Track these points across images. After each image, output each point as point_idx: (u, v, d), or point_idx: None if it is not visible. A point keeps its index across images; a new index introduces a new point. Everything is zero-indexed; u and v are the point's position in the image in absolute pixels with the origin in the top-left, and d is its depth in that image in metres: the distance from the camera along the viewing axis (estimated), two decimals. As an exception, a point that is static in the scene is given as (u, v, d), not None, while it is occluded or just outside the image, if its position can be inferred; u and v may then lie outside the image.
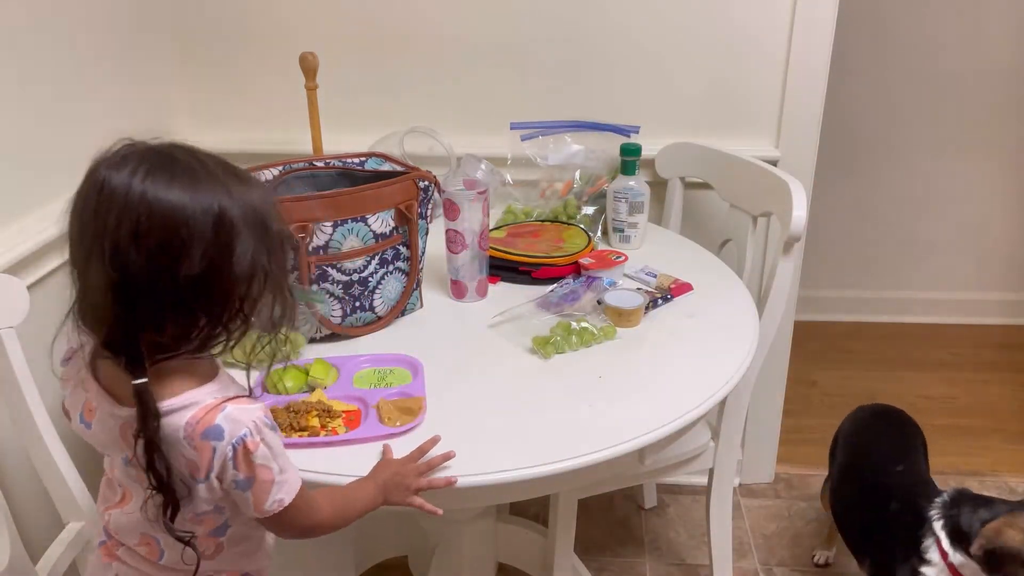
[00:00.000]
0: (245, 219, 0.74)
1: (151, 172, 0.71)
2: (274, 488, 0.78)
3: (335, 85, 1.69)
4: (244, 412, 0.76)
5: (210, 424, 0.74)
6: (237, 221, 0.74)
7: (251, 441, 0.75)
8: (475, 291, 1.37)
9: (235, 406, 0.76)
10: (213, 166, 0.75)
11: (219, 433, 0.74)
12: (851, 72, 2.50)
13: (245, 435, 0.75)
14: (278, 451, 0.79)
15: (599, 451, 0.98)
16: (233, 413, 0.75)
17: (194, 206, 0.72)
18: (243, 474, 0.76)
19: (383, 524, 1.75)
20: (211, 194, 0.73)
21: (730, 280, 1.46)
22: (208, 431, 0.74)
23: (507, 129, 1.69)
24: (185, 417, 0.74)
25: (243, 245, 0.74)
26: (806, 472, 2.10)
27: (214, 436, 0.74)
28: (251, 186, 0.78)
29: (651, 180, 1.71)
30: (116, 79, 1.61)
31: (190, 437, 0.74)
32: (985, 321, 2.86)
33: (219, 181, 0.74)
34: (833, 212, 2.71)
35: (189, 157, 0.75)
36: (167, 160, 0.73)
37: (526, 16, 1.72)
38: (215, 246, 0.73)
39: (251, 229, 0.75)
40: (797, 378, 2.06)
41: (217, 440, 0.74)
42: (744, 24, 1.69)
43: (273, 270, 0.78)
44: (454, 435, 1.02)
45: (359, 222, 1.20)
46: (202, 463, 0.75)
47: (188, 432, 0.74)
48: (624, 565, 1.83)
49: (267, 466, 0.77)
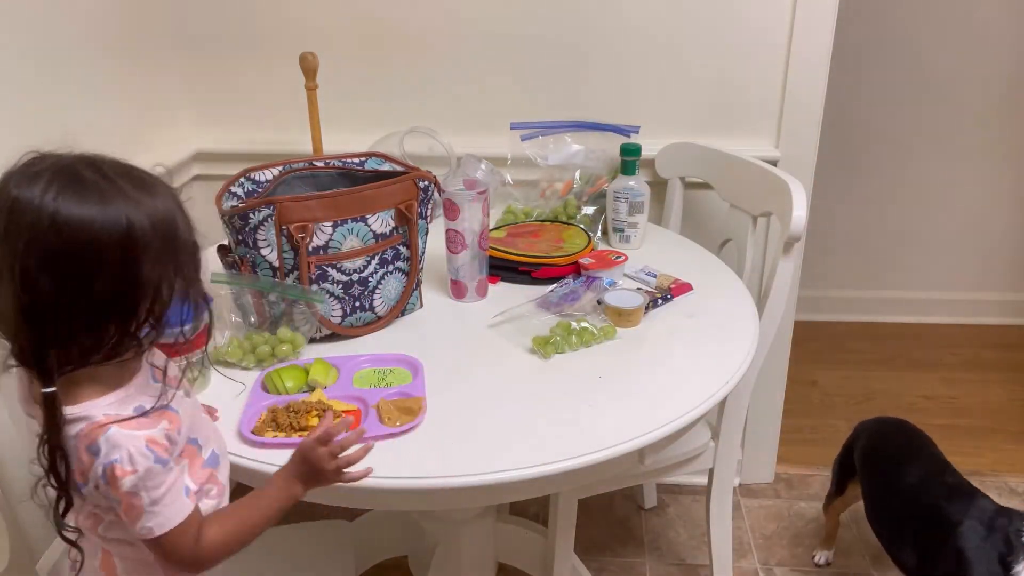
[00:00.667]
0: (155, 229, 0.76)
1: (61, 191, 0.72)
2: (144, 516, 0.79)
3: (335, 85, 1.69)
4: (125, 438, 0.77)
5: (92, 441, 0.77)
6: (146, 233, 0.75)
7: (119, 468, 0.76)
8: (475, 291, 1.37)
9: (119, 429, 0.77)
10: (118, 178, 0.76)
11: (97, 451, 0.76)
12: (851, 72, 2.51)
13: (116, 460, 0.76)
14: (155, 483, 0.78)
15: (599, 451, 0.98)
16: (113, 436, 0.76)
17: (103, 223, 0.73)
18: (113, 494, 0.78)
19: (383, 524, 1.75)
20: (119, 209, 0.74)
21: (730, 280, 1.46)
22: (90, 447, 0.77)
23: (507, 129, 1.69)
24: (76, 428, 0.77)
25: (152, 256, 0.76)
26: (806, 472, 2.10)
27: (93, 452, 0.77)
28: (157, 194, 0.78)
29: (651, 180, 1.71)
30: (116, 79, 1.61)
31: (78, 448, 0.77)
32: (985, 321, 2.86)
33: (126, 195, 0.75)
34: (833, 212, 2.71)
35: (95, 174, 0.75)
36: (75, 177, 0.74)
37: (526, 16, 1.72)
38: (124, 262, 0.74)
39: (160, 239, 0.76)
40: (797, 378, 2.06)
41: (95, 456, 0.77)
42: (744, 24, 1.69)
43: (184, 275, 0.80)
44: (454, 435, 1.02)
45: (359, 222, 1.20)
46: (86, 472, 0.78)
47: (78, 443, 0.77)
48: (624, 565, 1.83)
49: (135, 494, 0.78)
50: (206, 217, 1.99)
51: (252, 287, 1.19)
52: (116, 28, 1.61)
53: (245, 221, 1.15)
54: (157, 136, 1.76)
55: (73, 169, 0.74)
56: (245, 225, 1.15)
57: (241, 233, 1.16)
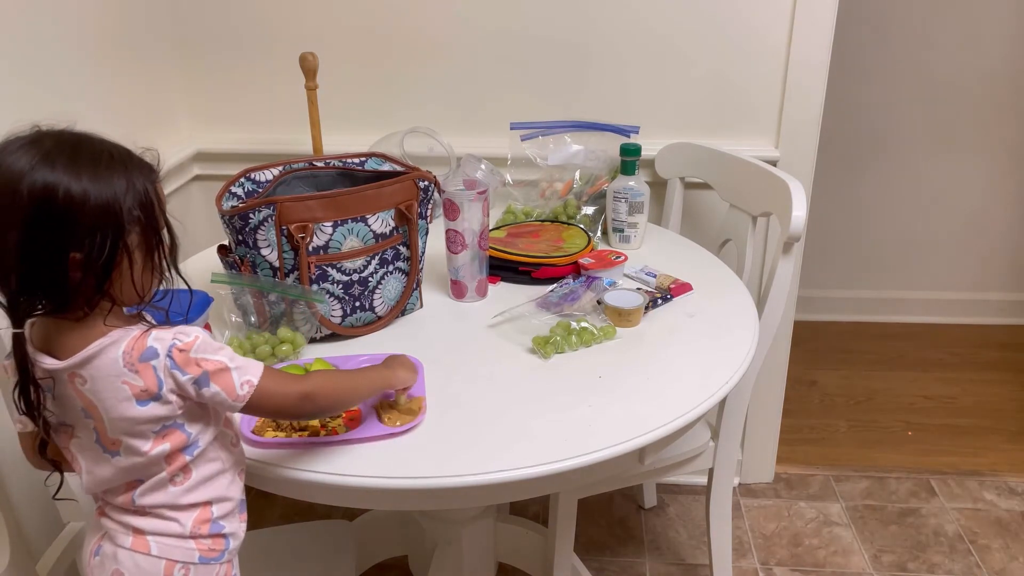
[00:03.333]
0: (69, 198, 0.77)
1: (11, 151, 0.77)
2: (235, 373, 0.84)
3: (335, 85, 1.69)
4: (168, 332, 0.82)
5: (144, 348, 0.81)
6: (53, 196, 0.77)
7: (183, 343, 0.82)
8: (475, 291, 1.37)
9: (158, 331, 0.82)
10: (67, 148, 0.79)
11: (153, 352, 0.81)
12: (851, 72, 2.51)
13: (174, 343, 0.81)
14: (217, 345, 0.84)
15: (599, 451, 0.98)
16: (159, 334, 0.82)
17: (28, 182, 0.76)
18: (193, 373, 0.82)
19: (383, 524, 1.75)
20: (44, 174, 0.77)
21: (730, 280, 1.46)
22: (144, 354, 0.81)
23: (507, 129, 1.69)
24: (120, 348, 0.81)
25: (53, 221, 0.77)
26: (806, 472, 2.10)
27: (150, 356, 0.81)
28: (89, 173, 0.79)
29: (651, 180, 1.72)
30: (117, 79, 1.61)
31: (131, 364, 0.81)
32: (985, 321, 2.86)
33: (53, 164, 0.78)
34: (833, 212, 2.71)
35: (52, 142, 0.79)
36: (35, 140, 0.79)
37: (526, 16, 1.72)
38: (37, 219, 0.77)
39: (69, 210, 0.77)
40: (797, 378, 2.07)
41: (154, 359, 0.81)
42: (744, 24, 1.69)
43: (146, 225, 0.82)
44: (454, 435, 1.02)
45: (359, 222, 1.21)
46: (149, 383, 0.81)
47: (127, 361, 0.81)
48: (624, 565, 1.83)
49: (210, 358, 0.83)
50: (206, 217, 2.00)
51: (252, 287, 1.19)
52: (116, 28, 1.61)
53: (245, 221, 1.15)
54: (157, 136, 1.76)
55: (38, 135, 0.80)
56: (245, 225, 1.15)
57: (241, 233, 1.16)
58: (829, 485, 2.06)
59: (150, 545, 0.88)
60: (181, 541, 0.89)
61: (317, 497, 1.03)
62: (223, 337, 1.20)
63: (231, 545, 0.94)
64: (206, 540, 0.91)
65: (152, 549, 0.88)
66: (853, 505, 1.98)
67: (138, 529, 0.89)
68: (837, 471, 2.10)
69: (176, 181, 1.78)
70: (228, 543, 0.93)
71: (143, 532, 0.89)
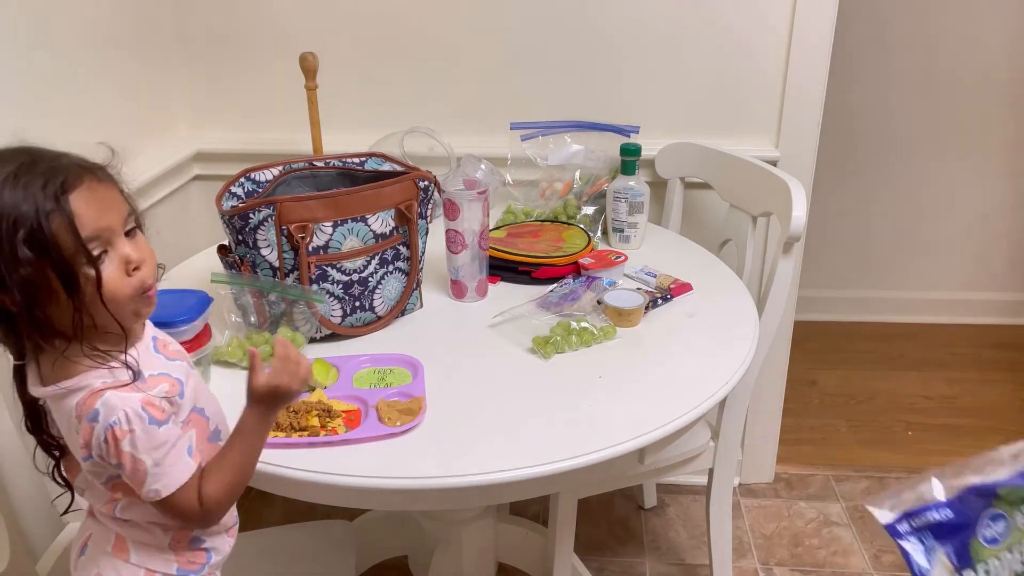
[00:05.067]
0: None
1: None
2: (149, 478, 0.80)
3: (335, 85, 1.69)
4: (121, 400, 0.78)
5: (91, 408, 0.78)
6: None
7: (118, 430, 0.78)
8: (475, 291, 1.37)
9: (114, 393, 0.79)
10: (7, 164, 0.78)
11: (95, 416, 0.78)
12: (851, 72, 2.51)
13: (114, 423, 0.78)
14: (155, 443, 0.79)
15: (599, 451, 0.98)
16: (110, 400, 0.78)
17: None
18: (115, 459, 0.79)
19: (383, 524, 1.75)
20: None
21: (730, 280, 1.46)
22: (89, 414, 0.78)
23: (507, 129, 1.69)
24: (75, 399, 0.79)
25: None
26: (806, 472, 2.10)
27: (92, 419, 0.78)
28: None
29: (651, 180, 1.72)
30: (117, 79, 1.61)
31: (79, 418, 0.79)
32: (985, 321, 2.86)
33: None
34: (833, 212, 2.71)
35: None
36: None
37: (526, 16, 1.72)
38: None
39: None
40: (797, 378, 2.07)
41: (94, 423, 0.78)
42: (744, 24, 1.69)
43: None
44: (454, 435, 1.02)
45: (359, 222, 1.21)
46: (86, 443, 0.79)
47: (77, 413, 0.79)
48: (624, 565, 1.83)
49: (135, 456, 0.79)
50: (206, 217, 2.00)
51: (252, 287, 1.19)
52: (116, 28, 1.61)
53: (245, 221, 1.15)
54: (157, 136, 1.76)
55: None
56: (245, 225, 1.15)
57: (241, 233, 1.16)
58: (829, 485, 2.06)
59: (130, 552, 0.89)
60: (159, 552, 0.89)
61: (317, 497, 1.03)
62: (223, 337, 1.19)
63: (212, 559, 0.93)
64: (185, 553, 0.90)
65: (132, 557, 0.88)
66: (853, 505, 1.98)
67: (120, 535, 0.89)
68: (837, 471, 2.10)
69: (176, 181, 1.78)
70: (209, 557, 0.92)
71: (124, 539, 0.89)
